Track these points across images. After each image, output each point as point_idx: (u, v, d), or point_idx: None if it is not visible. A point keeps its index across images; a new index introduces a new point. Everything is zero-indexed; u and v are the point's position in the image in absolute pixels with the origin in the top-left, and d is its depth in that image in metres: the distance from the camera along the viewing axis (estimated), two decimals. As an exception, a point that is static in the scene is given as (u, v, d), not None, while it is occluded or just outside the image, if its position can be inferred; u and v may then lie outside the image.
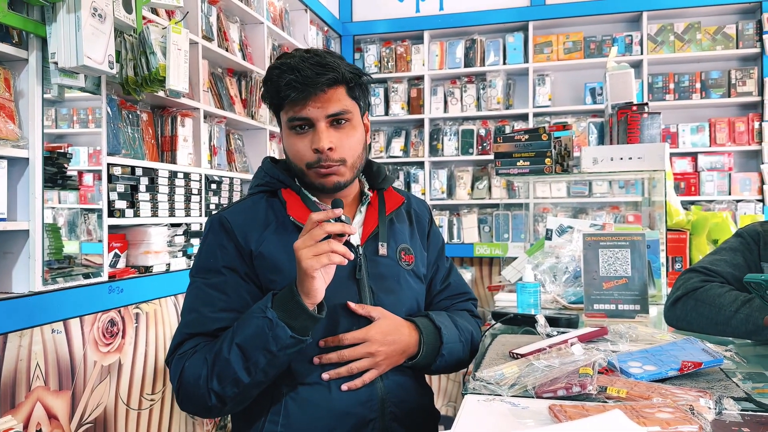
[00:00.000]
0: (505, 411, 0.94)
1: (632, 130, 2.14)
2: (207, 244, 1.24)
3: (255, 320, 1.10)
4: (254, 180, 1.34)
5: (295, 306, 1.09)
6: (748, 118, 4.17)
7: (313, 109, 1.19)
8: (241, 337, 1.10)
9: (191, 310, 1.20)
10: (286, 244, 1.20)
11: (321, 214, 1.09)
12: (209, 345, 1.15)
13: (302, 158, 1.23)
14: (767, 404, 0.94)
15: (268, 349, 1.09)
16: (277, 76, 1.20)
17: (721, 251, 1.59)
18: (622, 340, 1.30)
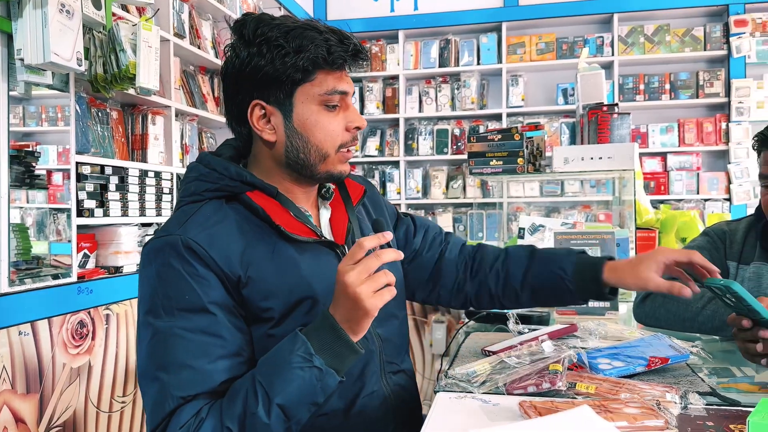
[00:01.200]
0: (476, 408, 0.94)
1: (602, 131, 2.17)
2: (171, 277, 0.96)
3: (299, 372, 0.90)
4: (197, 184, 1.06)
5: (344, 348, 0.92)
6: (715, 119, 4.27)
7: (348, 83, 1.05)
8: (285, 395, 0.89)
9: (179, 366, 0.93)
10: (276, 262, 1.02)
11: (372, 239, 0.93)
12: (219, 407, 0.92)
13: (335, 139, 1.05)
14: (731, 398, 0.96)
15: (315, 403, 0.92)
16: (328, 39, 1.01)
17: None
18: (592, 337, 1.32)
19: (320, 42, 0.99)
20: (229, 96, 1.07)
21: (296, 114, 1.04)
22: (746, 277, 1.53)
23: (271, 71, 1.00)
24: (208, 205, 1.04)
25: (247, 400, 0.90)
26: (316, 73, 1.02)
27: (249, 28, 1.01)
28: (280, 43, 0.99)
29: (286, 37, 0.99)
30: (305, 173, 1.07)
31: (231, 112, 1.09)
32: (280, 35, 0.99)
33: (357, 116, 1.06)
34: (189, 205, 1.05)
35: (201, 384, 0.93)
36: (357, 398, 1.07)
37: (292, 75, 1.00)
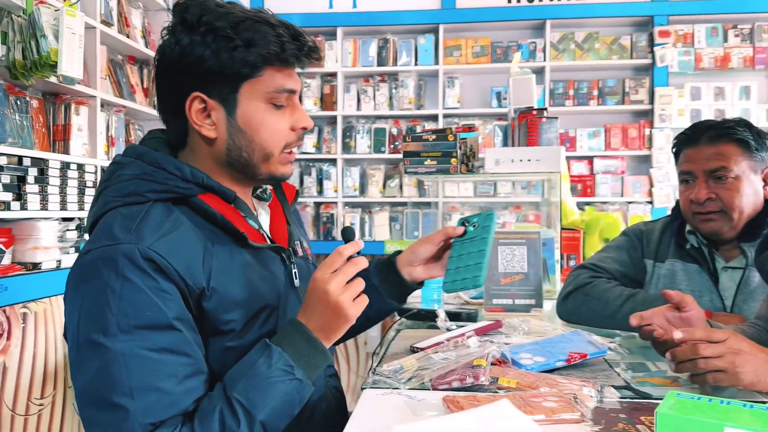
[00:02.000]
0: (401, 404, 0.95)
1: (532, 134, 2.23)
2: (127, 291, 0.86)
3: (280, 386, 0.87)
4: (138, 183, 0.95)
5: (320, 357, 0.91)
6: (639, 125, 4.47)
7: (297, 82, 1.00)
8: (267, 411, 0.86)
9: (145, 390, 0.84)
10: (235, 269, 0.96)
11: (349, 248, 0.92)
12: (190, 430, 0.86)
13: (280, 139, 1.00)
14: (644, 392, 1.01)
15: (293, 415, 0.90)
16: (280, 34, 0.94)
17: (609, 249, 1.69)
18: (516, 333, 1.35)
19: (273, 38, 0.93)
20: (164, 84, 0.99)
21: (240, 111, 0.97)
22: (662, 274, 1.61)
23: (216, 64, 0.93)
24: (156, 208, 0.93)
25: (224, 420, 0.84)
26: (264, 70, 0.96)
27: (192, 14, 0.93)
28: (228, 34, 0.92)
29: (236, 28, 0.92)
30: (246, 173, 1.01)
31: (165, 101, 1.00)
32: (228, 26, 0.92)
33: (304, 116, 1.02)
34: (127, 207, 0.93)
35: (172, 407, 0.85)
36: (308, 403, 1.03)
37: (239, 69, 0.94)
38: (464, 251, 1.16)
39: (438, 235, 1.21)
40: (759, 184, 1.51)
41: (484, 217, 1.18)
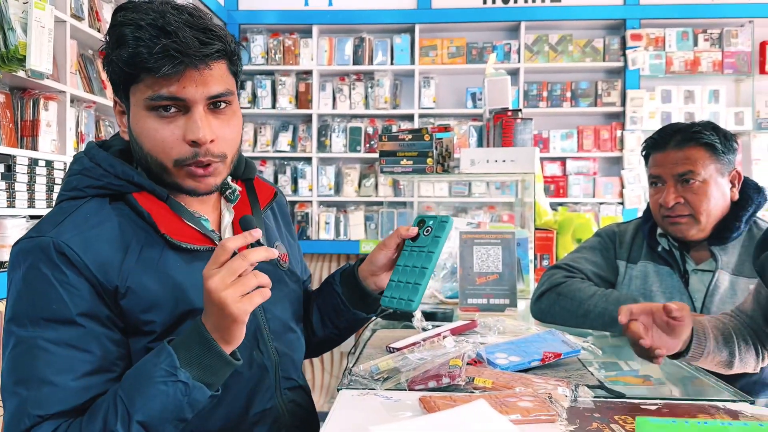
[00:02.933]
0: (377, 404, 0.95)
1: (507, 135, 2.25)
2: (39, 283, 0.88)
3: (161, 387, 0.83)
4: (80, 178, 0.96)
5: (215, 359, 0.86)
6: (611, 127, 4.54)
7: (191, 88, 0.91)
8: (146, 412, 0.83)
9: (40, 382, 0.85)
10: (160, 270, 0.94)
11: (237, 239, 0.86)
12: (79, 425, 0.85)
13: (168, 152, 0.93)
14: (617, 391, 1.02)
15: (182, 418, 0.86)
16: (138, 38, 0.88)
17: (582, 250, 1.71)
18: (491, 333, 1.36)
19: (131, 40, 0.88)
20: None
21: (131, 116, 0.95)
22: (634, 276, 1.63)
23: (111, 68, 0.93)
24: (89, 204, 0.95)
25: (107, 417, 0.84)
26: (141, 75, 0.91)
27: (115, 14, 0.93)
28: (112, 34, 0.92)
29: (111, 31, 0.92)
30: (159, 180, 0.97)
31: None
32: (110, 28, 0.92)
33: (194, 127, 0.92)
34: (68, 201, 0.96)
35: (62, 402, 0.86)
36: (246, 416, 1.02)
37: (122, 74, 0.92)
38: (409, 263, 1.08)
39: (392, 239, 1.13)
40: (726, 186, 1.54)
41: (439, 223, 1.09)
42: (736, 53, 4.36)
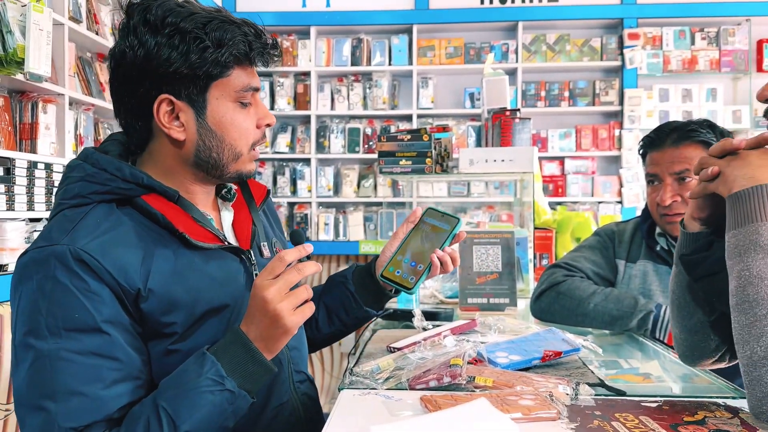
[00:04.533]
0: (379, 404, 0.95)
1: (505, 134, 2.25)
2: (58, 292, 0.86)
3: (209, 396, 0.84)
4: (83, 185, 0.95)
5: (258, 368, 0.88)
6: (609, 126, 4.54)
7: (257, 79, 1.02)
8: (193, 422, 0.83)
9: (68, 393, 0.83)
10: (179, 271, 0.94)
11: (293, 252, 0.89)
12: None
13: (248, 138, 1.01)
14: (618, 389, 1.02)
15: (226, 427, 0.87)
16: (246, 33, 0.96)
17: (582, 249, 1.72)
18: (491, 332, 1.36)
19: (240, 37, 0.94)
20: (126, 88, 0.97)
21: (210, 111, 0.97)
22: (633, 275, 1.64)
23: (186, 65, 0.92)
24: (96, 210, 0.93)
25: (149, 427, 0.82)
26: (232, 69, 0.97)
27: (155, 14, 0.92)
28: (197, 35, 0.92)
29: (204, 29, 0.92)
30: (214, 173, 1.01)
31: (127, 105, 0.98)
32: (196, 26, 0.92)
33: (267, 113, 1.03)
34: (72, 209, 0.93)
35: (95, 412, 0.84)
36: (265, 411, 1.03)
37: (209, 70, 0.94)
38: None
39: (403, 228, 1.20)
40: None
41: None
42: (733, 51, 4.38)
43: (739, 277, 0.85)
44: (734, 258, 0.87)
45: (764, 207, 0.84)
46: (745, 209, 0.85)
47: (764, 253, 0.83)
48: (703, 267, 0.98)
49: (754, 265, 0.83)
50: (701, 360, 1.07)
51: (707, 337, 1.03)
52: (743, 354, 0.84)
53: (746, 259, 0.84)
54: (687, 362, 1.11)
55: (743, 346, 0.84)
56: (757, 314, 0.82)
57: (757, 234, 0.84)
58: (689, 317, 1.04)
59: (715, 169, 0.91)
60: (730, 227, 0.88)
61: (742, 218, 0.86)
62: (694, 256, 0.99)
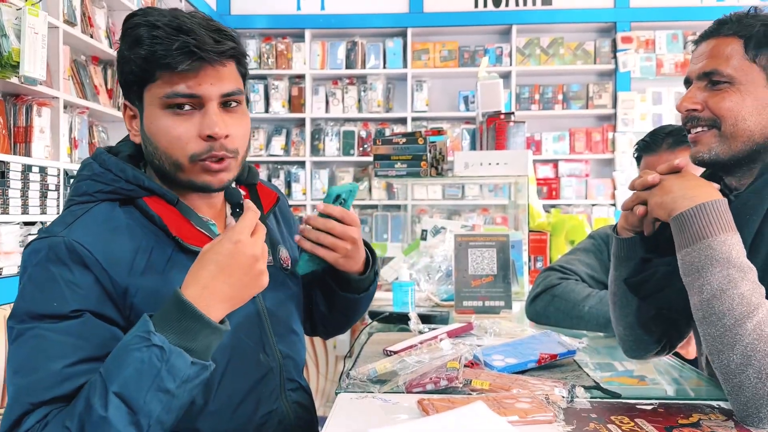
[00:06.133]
0: (376, 407, 0.95)
1: (500, 138, 2.26)
2: (43, 281, 0.88)
3: (135, 353, 0.81)
4: (90, 183, 0.97)
5: (192, 321, 0.83)
6: (603, 129, 4.57)
7: (206, 86, 0.94)
8: (119, 381, 0.80)
9: (31, 370, 0.84)
10: (170, 273, 0.95)
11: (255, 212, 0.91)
12: (65, 410, 0.83)
13: (184, 148, 0.95)
14: (613, 392, 1.03)
15: (164, 389, 0.81)
16: (156, 36, 0.91)
17: (576, 252, 1.72)
18: (487, 335, 1.37)
19: (147, 39, 0.92)
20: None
21: (145, 117, 0.97)
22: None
23: (125, 69, 0.96)
24: (99, 207, 0.96)
25: (88, 395, 0.81)
26: (159, 73, 0.94)
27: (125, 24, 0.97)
28: (125, 38, 0.95)
29: (125, 34, 0.95)
30: (172, 180, 1.00)
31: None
32: (124, 32, 0.95)
33: (211, 123, 0.95)
34: (78, 205, 0.97)
35: (52, 388, 0.84)
36: (253, 418, 1.03)
37: (137, 74, 0.94)
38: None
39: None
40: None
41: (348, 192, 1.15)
42: (725, 55, 4.41)
43: (701, 291, 0.89)
44: (693, 275, 0.91)
45: (711, 223, 0.90)
46: (693, 228, 0.91)
47: (721, 266, 0.88)
48: (649, 286, 1.04)
49: (713, 279, 0.88)
50: (644, 353, 1.15)
51: (648, 332, 1.10)
52: (720, 364, 0.88)
53: (705, 274, 0.89)
54: (630, 356, 1.17)
55: (718, 356, 0.88)
56: (725, 324, 0.86)
57: (710, 249, 0.89)
58: (631, 316, 1.10)
59: (642, 209, 0.98)
60: (681, 246, 0.92)
61: (691, 237, 0.91)
62: (638, 278, 1.05)
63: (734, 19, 1.03)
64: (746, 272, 0.88)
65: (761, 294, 0.88)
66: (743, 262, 0.89)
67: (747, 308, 0.86)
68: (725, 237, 0.89)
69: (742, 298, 0.86)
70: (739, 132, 0.99)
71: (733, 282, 0.87)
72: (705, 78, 1.02)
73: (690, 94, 1.03)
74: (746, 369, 0.84)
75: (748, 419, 0.87)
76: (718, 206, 0.91)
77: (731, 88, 1.00)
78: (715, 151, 1.01)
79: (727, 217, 0.91)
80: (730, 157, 1.01)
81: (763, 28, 1.00)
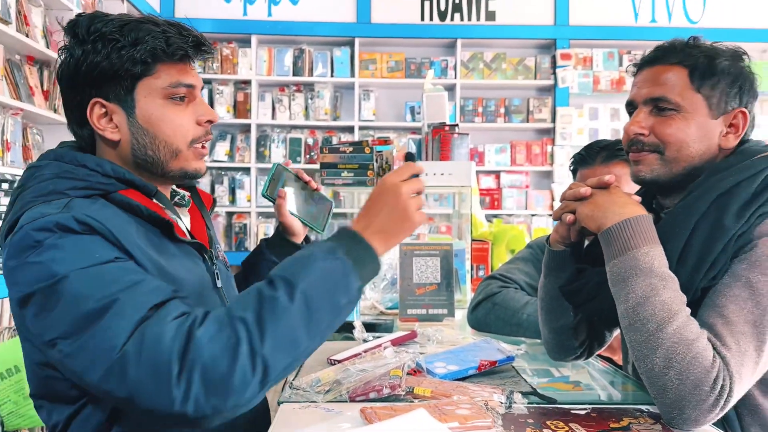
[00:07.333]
0: (319, 417, 0.96)
1: (444, 149, 2.31)
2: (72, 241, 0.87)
3: (320, 263, 0.86)
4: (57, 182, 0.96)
5: (366, 255, 0.90)
6: (542, 142, 4.71)
7: (194, 77, 1.03)
8: (306, 282, 0.84)
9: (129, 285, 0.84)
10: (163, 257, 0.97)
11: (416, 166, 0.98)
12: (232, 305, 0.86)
13: (185, 135, 1.02)
14: (549, 397, 1.07)
15: (336, 303, 0.86)
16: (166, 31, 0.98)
17: (516, 261, 1.78)
18: (430, 343, 1.39)
19: (157, 33, 0.97)
20: (67, 99, 1.02)
21: (140, 109, 1.00)
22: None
23: (108, 67, 0.96)
24: (76, 201, 0.93)
25: (260, 292, 0.84)
26: (156, 66, 0.99)
27: (82, 27, 0.97)
28: (115, 37, 0.96)
29: (122, 30, 0.96)
30: (157, 171, 1.03)
31: (71, 115, 1.03)
32: (114, 29, 0.96)
33: (207, 109, 1.04)
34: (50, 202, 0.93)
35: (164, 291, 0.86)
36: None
37: (130, 69, 0.97)
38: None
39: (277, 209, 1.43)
40: None
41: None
42: (657, 74, 4.63)
43: (627, 300, 0.95)
44: (619, 284, 0.97)
45: (635, 236, 0.96)
46: (619, 241, 0.97)
47: (644, 275, 0.94)
48: (582, 294, 1.10)
49: (638, 287, 0.94)
50: (567, 356, 1.22)
51: (572, 337, 1.17)
52: (644, 368, 0.93)
53: (630, 283, 0.95)
54: (554, 358, 1.25)
55: (643, 361, 0.93)
56: (649, 330, 0.92)
57: (635, 260, 0.95)
58: (556, 320, 1.17)
59: (571, 218, 1.05)
60: (610, 258, 0.99)
61: (618, 249, 0.97)
62: (573, 286, 1.11)
63: (678, 48, 1.09)
64: (668, 281, 0.94)
65: (682, 301, 0.94)
66: (665, 272, 0.95)
67: (668, 314, 0.91)
68: (648, 249, 0.96)
69: (663, 304, 0.92)
70: (681, 157, 1.06)
71: (655, 290, 0.93)
72: (651, 104, 1.07)
73: (638, 118, 1.08)
74: (668, 371, 0.90)
75: (674, 421, 0.92)
76: (643, 221, 0.98)
77: (677, 115, 1.05)
78: (656, 173, 1.07)
79: (651, 231, 0.98)
80: (669, 179, 1.07)
81: (706, 59, 1.06)
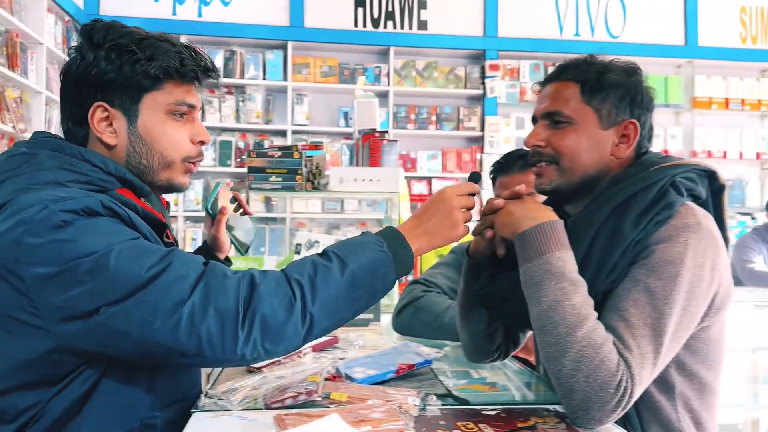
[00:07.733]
0: (231, 426, 0.95)
1: (374, 155, 2.33)
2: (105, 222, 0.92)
3: (370, 251, 0.98)
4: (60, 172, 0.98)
5: (405, 254, 1.01)
6: (472, 150, 4.83)
7: (197, 98, 1.10)
8: (357, 263, 0.96)
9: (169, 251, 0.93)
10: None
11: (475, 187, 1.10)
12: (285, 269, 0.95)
13: (181, 150, 1.09)
14: (463, 398, 1.10)
15: (374, 287, 0.98)
16: (180, 52, 1.04)
17: (439, 266, 1.81)
18: (352, 348, 1.40)
19: (173, 53, 1.04)
20: (68, 96, 1.06)
21: (142, 120, 1.06)
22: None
23: (119, 76, 1.02)
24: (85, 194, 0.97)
25: (315, 263, 0.95)
26: (165, 83, 1.05)
27: (98, 33, 1.03)
28: (132, 49, 1.02)
29: (139, 44, 1.02)
30: (145, 178, 1.08)
31: (69, 112, 1.07)
32: (132, 42, 1.02)
33: (203, 130, 1.11)
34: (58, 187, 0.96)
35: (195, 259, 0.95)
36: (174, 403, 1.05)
37: (141, 81, 1.03)
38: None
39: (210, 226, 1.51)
40: None
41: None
42: (580, 86, 4.84)
43: (539, 303, 0.99)
44: (532, 287, 1.00)
45: (548, 241, 1.00)
46: (533, 245, 1.01)
47: (556, 279, 0.98)
48: (494, 298, 1.14)
49: (550, 291, 0.97)
50: (484, 359, 1.28)
51: (488, 340, 1.23)
52: (553, 369, 0.97)
53: (543, 287, 0.98)
54: (472, 360, 1.31)
55: (553, 363, 0.97)
56: (560, 333, 0.96)
57: (548, 264, 0.99)
58: (474, 326, 1.23)
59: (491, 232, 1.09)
60: (523, 261, 1.03)
61: (531, 253, 1.01)
62: (485, 290, 1.16)
63: (573, 66, 1.16)
64: (578, 286, 0.98)
65: (590, 306, 0.99)
66: (575, 276, 0.99)
67: (578, 318, 0.95)
68: (560, 254, 1.00)
69: (573, 309, 0.96)
70: (575, 167, 1.11)
71: (566, 294, 0.97)
72: (548, 117, 1.13)
73: (536, 131, 1.14)
74: (576, 374, 0.94)
75: (579, 420, 0.96)
76: (555, 226, 1.02)
77: (569, 127, 1.11)
78: (555, 183, 1.13)
79: (563, 236, 1.02)
80: (568, 188, 1.13)
81: (597, 74, 1.13)
